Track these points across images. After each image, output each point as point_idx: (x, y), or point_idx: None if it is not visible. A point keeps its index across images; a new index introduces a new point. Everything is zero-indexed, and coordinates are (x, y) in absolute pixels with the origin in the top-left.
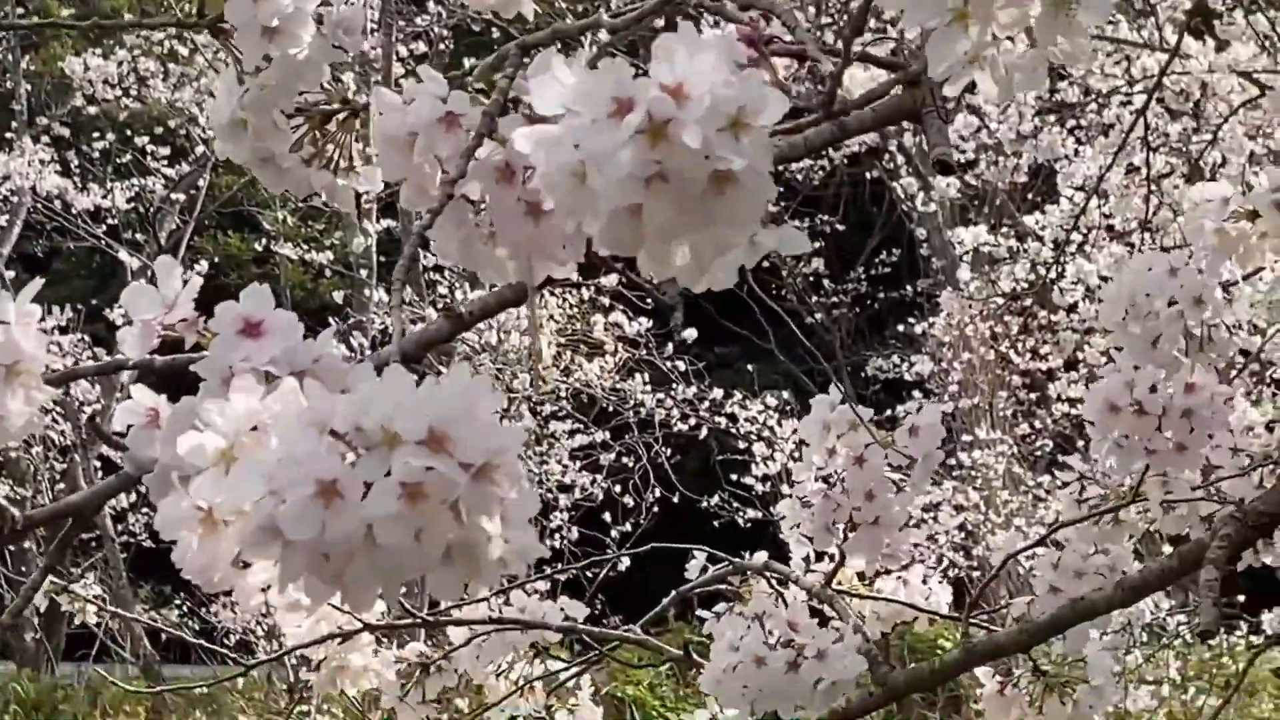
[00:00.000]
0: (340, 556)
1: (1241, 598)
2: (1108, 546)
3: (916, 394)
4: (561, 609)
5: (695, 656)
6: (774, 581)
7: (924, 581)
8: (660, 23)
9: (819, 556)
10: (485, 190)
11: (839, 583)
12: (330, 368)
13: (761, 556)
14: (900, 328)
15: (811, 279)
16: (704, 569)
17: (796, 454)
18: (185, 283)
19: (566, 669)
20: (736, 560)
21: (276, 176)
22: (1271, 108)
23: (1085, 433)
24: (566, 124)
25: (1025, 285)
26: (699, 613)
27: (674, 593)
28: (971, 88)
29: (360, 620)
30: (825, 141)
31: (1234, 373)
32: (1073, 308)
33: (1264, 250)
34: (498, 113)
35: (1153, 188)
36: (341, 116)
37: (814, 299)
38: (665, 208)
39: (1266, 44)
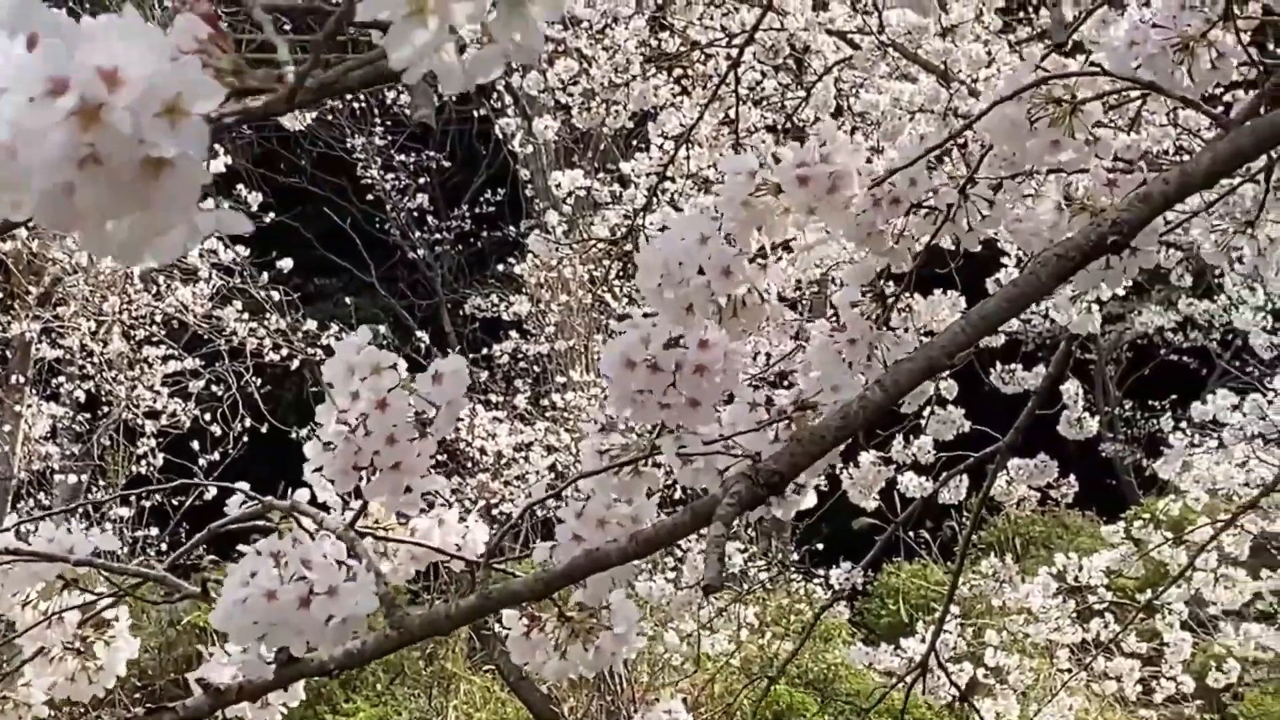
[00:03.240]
0: None
1: (820, 546)
2: (630, 498)
3: (514, 334)
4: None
5: (214, 593)
6: (303, 522)
7: (461, 520)
8: None
9: (355, 496)
10: None
11: (376, 522)
12: None
13: (304, 495)
14: (501, 267)
15: (416, 214)
16: (240, 505)
17: None
18: None
19: (95, 601)
20: (266, 499)
21: None
22: (861, 66)
23: None
24: (2, 99)
25: (623, 231)
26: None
27: (206, 529)
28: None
29: None
30: (313, 97)
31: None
32: None
33: (786, 224)
34: None
35: (742, 140)
36: None
37: (417, 235)
38: (97, 190)
39: (858, 5)
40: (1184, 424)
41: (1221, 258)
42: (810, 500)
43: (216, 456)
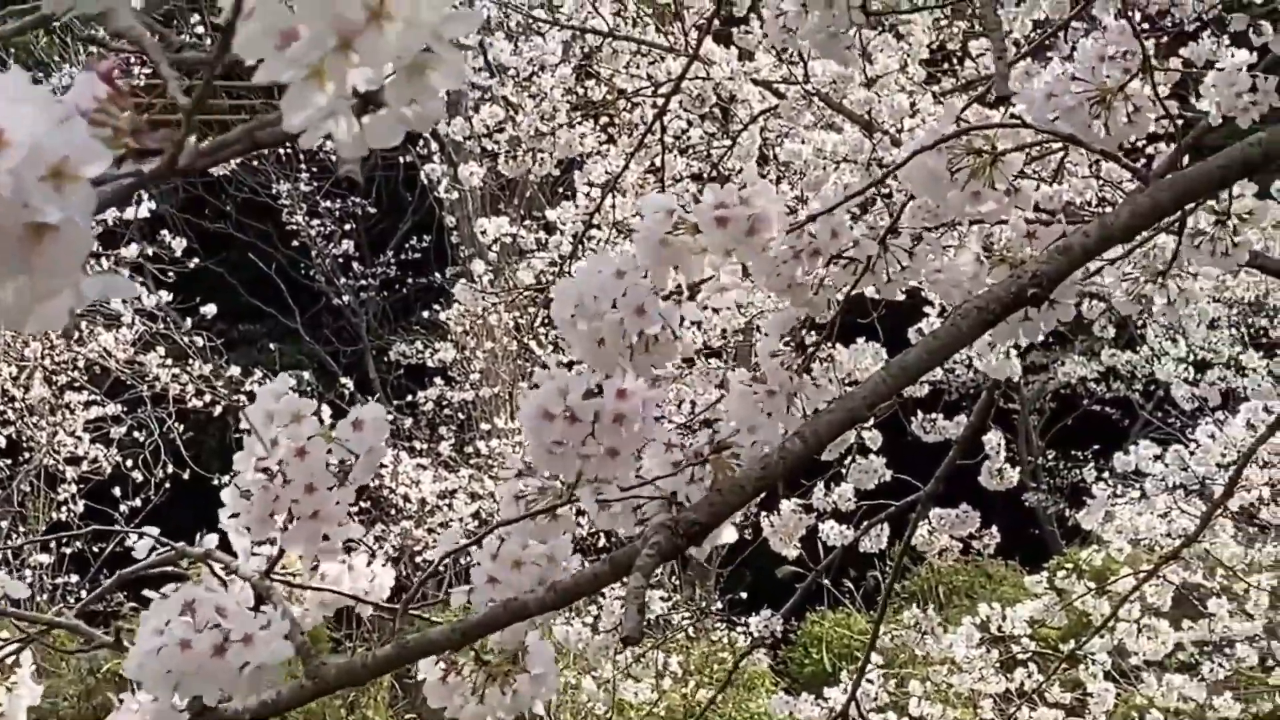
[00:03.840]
0: None
1: (744, 594)
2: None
3: (438, 380)
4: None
5: (126, 642)
6: (216, 568)
7: (368, 564)
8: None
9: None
10: None
11: (284, 567)
12: None
13: (211, 541)
14: (426, 314)
15: (341, 261)
16: (152, 551)
17: None
18: None
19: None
20: (179, 545)
21: None
22: (786, 116)
23: None
24: None
25: (551, 278)
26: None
27: (116, 575)
28: None
29: None
30: (206, 166)
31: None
32: None
33: (703, 264)
34: None
35: (668, 188)
36: None
37: (343, 281)
38: None
39: (783, 55)
40: (1106, 474)
41: (1133, 307)
42: (730, 535)
43: (138, 503)
